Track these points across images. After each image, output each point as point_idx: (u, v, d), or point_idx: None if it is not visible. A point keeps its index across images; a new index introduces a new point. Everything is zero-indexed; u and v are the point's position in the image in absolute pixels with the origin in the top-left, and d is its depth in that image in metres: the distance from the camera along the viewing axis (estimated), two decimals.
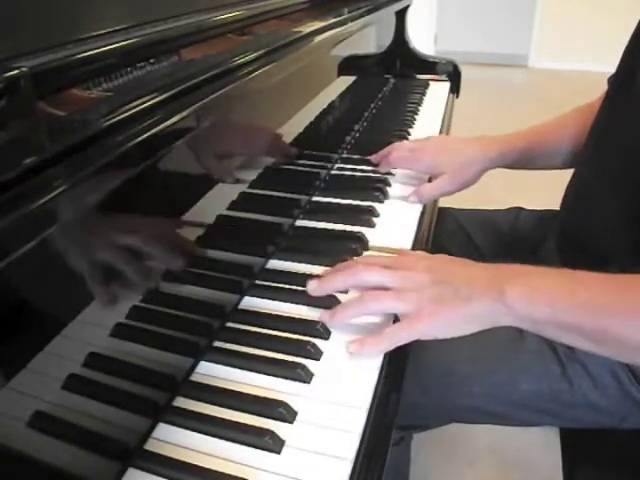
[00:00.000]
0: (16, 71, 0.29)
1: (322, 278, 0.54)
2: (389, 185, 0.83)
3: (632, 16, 0.77)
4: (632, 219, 0.62)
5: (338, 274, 0.54)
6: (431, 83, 1.37)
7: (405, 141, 0.96)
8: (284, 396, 0.45)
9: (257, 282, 0.60)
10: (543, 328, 0.49)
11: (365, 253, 0.66)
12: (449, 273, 0.52)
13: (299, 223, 0.72)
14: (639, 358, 0.49)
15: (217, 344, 0.51)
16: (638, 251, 0.62)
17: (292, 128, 0.73)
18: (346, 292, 0.56)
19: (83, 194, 0.34)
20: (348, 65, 0.96)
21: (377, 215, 0.74)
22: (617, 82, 0.70)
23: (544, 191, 0.87)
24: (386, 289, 0.51)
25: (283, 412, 0.44)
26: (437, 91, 1.32)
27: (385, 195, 0.80)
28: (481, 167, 0.79)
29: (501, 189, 1.88)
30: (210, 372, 0.49)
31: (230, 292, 0.57)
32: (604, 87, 0.76)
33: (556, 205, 0.81)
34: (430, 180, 0.82)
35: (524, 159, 0.81)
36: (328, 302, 0.55)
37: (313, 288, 0.54)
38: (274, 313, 0.55)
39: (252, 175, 0.62)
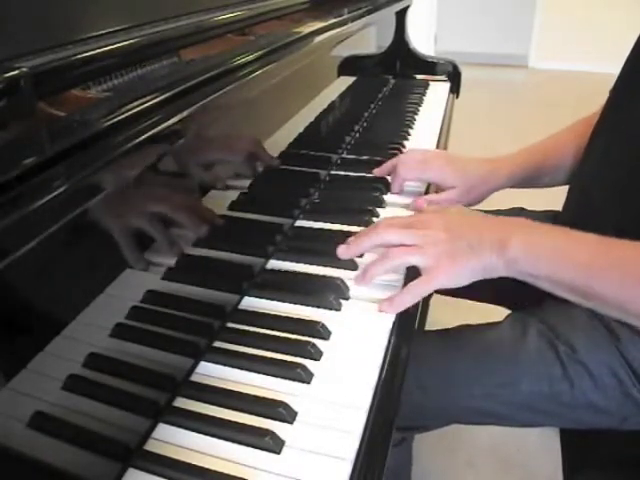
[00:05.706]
0: (16, 71, 0.29)
1: (349, 241, 0.60)
2: (389, 185, 0.83)
3: (633, 16, 0.77)
4: (634, 229, 0.62)
5: (363, 237, 0.59)
6: (431, 83, 1.37)
7: (409, 152, 0.92)
8: (284, 396, 0.45)
9: (257, 282, 0.60)
10: (538, 281, 0.55)
11: (380, 211, 0.75)
12: (464, 228, 0.57)
13: (299, 223, 0.72)
14: (619, 314, 0.54)
15: (217, 344, 0.51)
16: None
17: (292, 128, 0.73)
18: (361, 256, 0.61)
19: (83, 194, 0.35)
20: (348, 65, 0.96)
21: (377, 215, 0.74)
22: (619, 92, 0.70)
23: (545, 192, 0.87)
24: (406, 247, 0.56)
25: (283, 412, 0.44)
26: (437, 91, 1.32)
27: (385, 196, 0.80)
28: (491, 187, 0.80)
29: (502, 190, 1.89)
30: (210, 372, 0.49)
31: (230, 292, 0.57)
32: (604, 87, 0.76)
33: (557, 206, 0.81)
34: (437, 192, 0.81)
35: (530, 178, 0.81)
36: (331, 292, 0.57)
37: (342, 252, 0.60)
38: (274, 313, 0.55)
39: (252, 175, 0.62)
